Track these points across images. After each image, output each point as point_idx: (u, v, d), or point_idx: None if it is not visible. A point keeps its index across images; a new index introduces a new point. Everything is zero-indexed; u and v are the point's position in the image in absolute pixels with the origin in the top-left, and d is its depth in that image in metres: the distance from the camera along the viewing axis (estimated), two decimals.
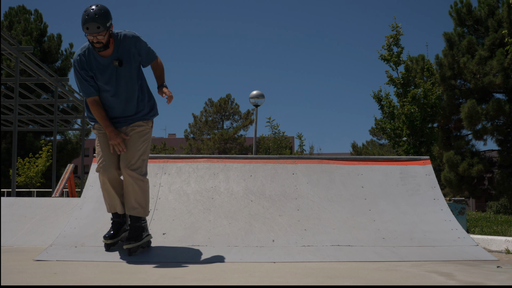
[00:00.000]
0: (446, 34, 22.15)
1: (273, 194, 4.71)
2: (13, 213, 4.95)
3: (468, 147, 22.11)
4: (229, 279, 2.85)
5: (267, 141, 20.32)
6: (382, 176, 4.88)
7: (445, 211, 4.51)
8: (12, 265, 3.26)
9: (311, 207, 4.54)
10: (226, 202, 4.60)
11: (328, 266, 3.42)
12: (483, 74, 20.37)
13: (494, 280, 2.86)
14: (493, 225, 6.15)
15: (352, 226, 4.28)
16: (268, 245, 3.98)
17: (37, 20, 28.19)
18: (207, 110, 43.72)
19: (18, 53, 11.16)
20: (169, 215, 4.43)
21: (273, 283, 2.75)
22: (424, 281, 2.81)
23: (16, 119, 11.00)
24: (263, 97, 14.72)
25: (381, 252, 3.86)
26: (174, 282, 2.75)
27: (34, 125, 20.37)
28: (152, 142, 50.20)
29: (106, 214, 4.41)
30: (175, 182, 4.84)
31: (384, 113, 14.12)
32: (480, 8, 21.69)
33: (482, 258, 3.78)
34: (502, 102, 20.31)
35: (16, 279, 2.78)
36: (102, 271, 3.14)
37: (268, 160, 5.09)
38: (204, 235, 4.14)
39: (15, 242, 4.49)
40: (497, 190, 21.14)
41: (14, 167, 11.04)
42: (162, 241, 4.03)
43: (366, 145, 42.50)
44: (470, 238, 4.18)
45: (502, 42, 19.24)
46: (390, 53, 13.79)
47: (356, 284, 2.73)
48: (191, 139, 42.97)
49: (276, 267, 3.34)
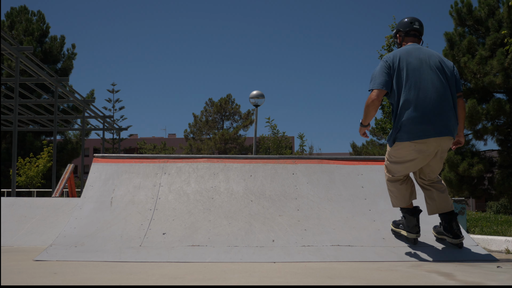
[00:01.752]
0: (446, 34, 22.15)
1: (273, 194, 4.71)
2: (13, 213, 4.95)
3: (468, 147, 22.10)
4: (229, 279, 2.85)
5: (267, 141, 20.34)
6: (382, 176, 4.88)
7: None
8: (12, 265, 3.26)
9: (311, 207, 4.54)
10: (226, 202, 4.60)
11: (328, 266, 3.42)
12: (483, 74, 20.37)
13: (494, 280, 2.85)
14: (493, 225, 6.15)
15: (352, 226, 4.28)
16: (268, 245, 3.98)
17: (40, 20, 28.22)
18: (207, 110, 43.73)
19: (18, 53, 11.16)
20: (169, 215, 4.43)
21: (273, 283, 2.75)
22: (424, 281, 2.81)
23: (16, 119, 11.00)
24: (263, 97, 14.72)
25: (381, 252, 3.86)
26: (174, 282, 2.75)
27: (34, 125, 20.38)
28: (152, 142, 50.30)
29: (106, 214, 4.42)
30: (175, 182, 4.84)
31: (384, 113, 14.12)
32: (481, 8, 21.69)
33: (482, 258, 3.78)
34: (503, 102, 20.31)
35: (16, 279, 2.78)
36: (102, 271, 3.14)
37: (268, 160, 5.09)
38: (204, 235, 4.14)
39: (15, 242, 4.49)
40: (497, 190, 21.13)
41: (14, 167, 11.04)
42: (162, 241, 4.03)
43: (366, 145, 42.49)
44: (470, 238, 4.18)
45: (502, 42, 19.23)
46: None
47: (356, 284, 2.73)
48: (191, 139, 42.98)
49: (276, 267, 3.34)
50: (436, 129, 3.67)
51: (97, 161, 5.05)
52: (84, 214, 4.42)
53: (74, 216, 4.40)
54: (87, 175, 5.70)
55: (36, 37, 26.85)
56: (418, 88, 3.70)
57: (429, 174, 3.92)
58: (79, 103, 16.48)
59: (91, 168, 5.00)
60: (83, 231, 4.17)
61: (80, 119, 19.47)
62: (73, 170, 12.61)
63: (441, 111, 3.69)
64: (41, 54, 26.77)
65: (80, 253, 3.76)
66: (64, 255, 3.70)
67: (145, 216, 4.38)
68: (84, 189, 4.79)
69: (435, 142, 3.70)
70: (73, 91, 16.10)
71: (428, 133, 3.65)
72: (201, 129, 43.31)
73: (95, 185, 4.77)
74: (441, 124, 3.68)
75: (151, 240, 4.04)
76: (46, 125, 19.53)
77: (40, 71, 12.63)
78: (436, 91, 3.71)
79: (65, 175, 12.25)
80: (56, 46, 27.97)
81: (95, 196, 4.64)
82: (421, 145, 3.69)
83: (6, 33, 12.21)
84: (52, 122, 19.06)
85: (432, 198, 3.94)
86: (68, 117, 19.13)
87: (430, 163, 3.85)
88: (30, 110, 18.81)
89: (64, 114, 23.85)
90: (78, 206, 4.55)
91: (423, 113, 3.66)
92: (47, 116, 17.80)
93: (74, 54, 29.09)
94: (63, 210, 5.01)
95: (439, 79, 3.76)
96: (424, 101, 3.68)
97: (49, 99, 17.02)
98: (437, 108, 3.68)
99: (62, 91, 14.74)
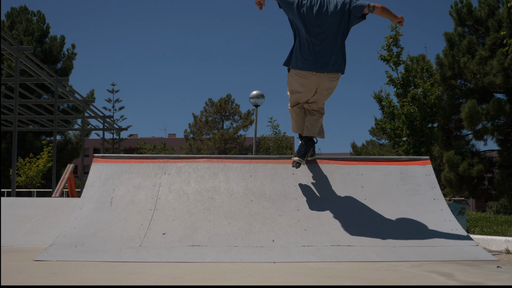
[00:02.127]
0: (446, 34, 22.16)
1: (273, 194, 4.71)
2: (13, 213, 4.95)
3: (468, 147, 22.11)
4: (229, 279, 2.85)
5: (267, 141, 20.34)
6: (382, 176, 4.88)
7: (445, 211, 4.51)
8: (12, 265, 3.26)
9: (311, 207, 4.54)
10: (226, 202, 4.60)
11: (328, 266, 3.42)
12: (483, 74, 20.37)
13: (494, 280, 2.85)
14: (493, 225, 6.15)
15: (352, 226, 4.28)
16: (268, 245, 3.98)
17: (40, 20, 28.22)
18: (207, 110, 43.73)
19: (18, 53, 11.16)
20: (169, 215, 4.43)
21: (273, 283, 2.75)
22: (424, 281, 2.81)
23: (16, 119, 11.00)
24: (263, 97, 14.72)
25: (381, 252, 3.86)
26: (174, 282, 2.75)
27: (34, 125, 20.38)
28: (152, 142, 50.29)
29: (106, 214, 4.42)
30: (175, 182, 4.84)
31: (384, 113, 14.12)
32: (481, 8, 21.69)
33: (482, 258, 3.78)
34: (503, 102, 20.31)
35: (16, 279, 2.78)
36: (102, 271, 3.14)
37: (268, 160, 5.09)
38: (204, 235, 4.14)
39: (15, 242, 4.49)
40: (497, 190, 21.14)
41: (14, 167, 11.04)
42: (162, 241, 4.03)
43: (366, 145, 42.50)
44: (470, 238, 4.18)
45: (502, 42, 19.24)
46: (390, 53, 13.79)
47: (356, 284, 2.73)
48: (191, 139, 42.98)
49: (276, 267, 3.34)
50: (317, 65, 4.29)
51: (97, 161, 5.05)
52: (84, 214, 4.42)
53: (74, 216, 4.39)
54: (87, 175, 5.70)
55: (36, 37, 26.85)
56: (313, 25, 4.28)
57: (311, 104, 4.68)
58: (79, 103, 16.48)
59: (91, 168, 4.99)
60: (83, 231, 4.17)
61: (80, 119, 19.47)
62: (73, 170, 12.62)
63: (322, 50, 4.27)
64: (41, 54, 26.77)
65: (80, 253, 3.75)
66: (64, 255, 3.70)
67: (145, 216, 4.38)
68: (84, 189, 4.79)
69: (314, 76, 4.35)
70: (73, 91, 16.10)
71: (308, 66, 4.31)
72: (201, 129, 43.31)
73: (95, 185, 4.77)
74: (322, 61, 4.27)
75: (151, 240, 4.04)
76: (46, 125, 19.53)
77: (40, 71, 12.63)
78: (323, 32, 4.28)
79: (65, 175, 12.25)
80: (56, 46, 27.98)
81: (95, 196, 4.64)
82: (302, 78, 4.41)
83: (6, 33, 12.21)
84: (52, 122, 19.06)
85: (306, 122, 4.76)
86: (68, 117, 19.14)
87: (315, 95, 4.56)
88: (30, 110, 18.80)
89: (64, 114, 23.85)
90: (78, 206, 4.55)
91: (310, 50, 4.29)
92: (47, 116, 17.80)
93: (74, 54, 29.10)
94: (63, 210, 5.01)
95: (330, 22, 4.27)
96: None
97: (49, 99, 17.02)
98: (319, 47, 4.28)
99: (62, 91, 14.74)
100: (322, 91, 4.51)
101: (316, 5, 4.28)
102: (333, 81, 4.45)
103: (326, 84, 4.44)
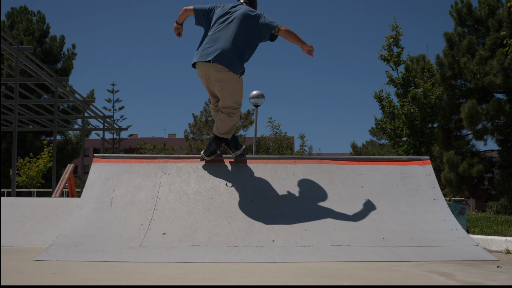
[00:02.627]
0: (446, 34, 22.16)
1: (273, 194, 4.71)
2: (13, 213, 4.95)
3: (468, 147, 22.11)
4: (229, 279, 2.85)
5: (267, 141, 20.32)
6: (382, 176, 4.88)
7: (445, 211, 4.51)
8: (12, 265, 3.26)
9: (311, 207, 4.54)
10: (226, 202, 4.60)
11: (328, 266, 3.42)
12: (483, 74, 20.38)
13: (494, 280, 2.85)
14: (493, 225, 6.15)
15: (352, 226, 4.28)
16: (268, 245, 3.98)
17: (40, 20, 28.23)
18: (207, 110, 43.69)
19: (18, 53, 11.16)
20: (169, 215, 4.43)
21: (273, 283, 2.75)
22: (424, 281, 2.81)
23: (16, 119, 11.00)
24: (263, 97, 14.71)
25: (381, 252, 3.86)
26: (174, 282, 2.75)
27: (34, 125, 20.38)
28: (152, 142, 50.29)
29: (106, 214, 4.42)
30: (175, 182, 4.84)
31: (384, 113, 14.12)
32: (481, 8, 21.70)
33: (482, 258, 3.78)
34: (503, 102, 20.31)
35: (16, 279, 2.78)
36: (102, 271, 3.14)
37: (268, 160, 5.09)
38: (204, 235, 4.14)
39: (15, 242, 4.49)
40: (497, 190, 21.14)
41: (14, 167, 11.04)
42: (162, 241, 4.03)
43: (366, 145, 42.48)
44: (470, 238, 4.18)
45: (502, 42, 19.25)
46: (390, 53, 13.79)
47: (356, 284, 2.73)
48: (191, 139, 42.97)
49: (276, 267, 3.34)
50: (203, 53, 4.43)
51: (97, 161, 5.05)
52: (84, 214, 4.42)
53: (74, 216, 4.39)
54: (87, 175, 5.70)
55: (36, 37, 26.86)
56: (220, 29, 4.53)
57: (218, 102, 4.78)
58: (79, 103, 16.48)
59: (91, 168, 4.99)
60: (83, 231, 4.16)
61: (80, 119, 19.47)
62: (73, 170, 12.61)
63: (216, 39, 4.45)
64: (41, 54, 26.78)
65: (80, 253, 3.75)
66: (64, 255, 3.70)
67: (145, 216, 4.38)
68: (84, 189, 4.79)
69: (203, 65, 4.45)
70: (73, 91, 16.10)
71: (197, 58, 4.47)
72: (201, 129, 43.27)
73: (95, 185, 4.77)
74: (210, 50, 4.40)
75: (151, 240, 4.04)
76: (46, 125, 19.53)
77: (40, 71, 12.63)
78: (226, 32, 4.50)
79: (65, 175, 12.25)
80: (56, 46, 27.98)
81: (95, 196, 4.64)
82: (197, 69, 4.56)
83: (6, 33, 12.22)
84: (52, 122, 19.06)
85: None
86: (68, 117, 19.13)
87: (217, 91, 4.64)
88: (30, 110, 18.81)
89: (64, 114, 23.86)
90: (78, 206, 4.54)
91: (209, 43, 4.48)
92: (47, 116, 17.80)
93: (74, 54, 29.11)
94: (63, 210, 5.01)
95: (233, 18, 4.53)
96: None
97: (49, 99, 17.03)
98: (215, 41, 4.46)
99: (62, 91, 14.74)
100: (214, 84, 4.57)
101: (226, 8, 4.70)
102: (220, 73, 4.45)
103: (213, 74, 4.48)
